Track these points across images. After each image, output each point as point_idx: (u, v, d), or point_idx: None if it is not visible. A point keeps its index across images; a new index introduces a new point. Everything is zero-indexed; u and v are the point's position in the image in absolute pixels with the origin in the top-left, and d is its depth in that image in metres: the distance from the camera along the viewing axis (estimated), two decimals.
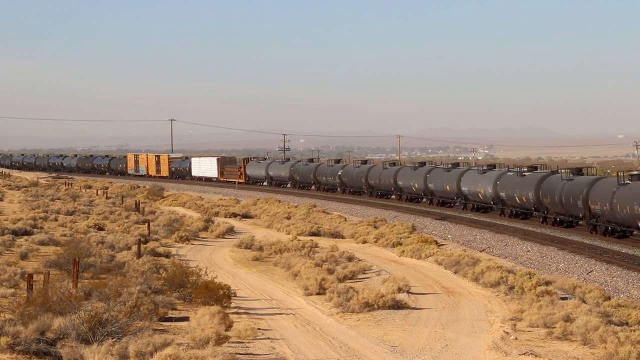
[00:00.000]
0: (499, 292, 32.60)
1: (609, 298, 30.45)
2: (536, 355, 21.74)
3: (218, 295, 28.15)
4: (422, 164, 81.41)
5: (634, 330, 23.81)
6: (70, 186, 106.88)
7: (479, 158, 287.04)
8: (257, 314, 27.99)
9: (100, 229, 53.61)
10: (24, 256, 36.96)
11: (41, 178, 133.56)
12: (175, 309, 27.39)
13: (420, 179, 75.88)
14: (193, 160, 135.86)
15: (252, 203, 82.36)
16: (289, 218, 66.61)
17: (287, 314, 28.33)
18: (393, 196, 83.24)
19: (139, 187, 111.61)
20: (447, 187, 71.03)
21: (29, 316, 20.73)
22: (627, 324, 26.27)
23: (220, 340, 21.78)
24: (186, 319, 25.50)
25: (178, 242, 50.83)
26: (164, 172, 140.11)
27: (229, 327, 23.94)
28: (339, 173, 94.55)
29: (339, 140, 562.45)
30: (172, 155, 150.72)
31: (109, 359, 18.73)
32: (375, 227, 57.95)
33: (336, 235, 57.16)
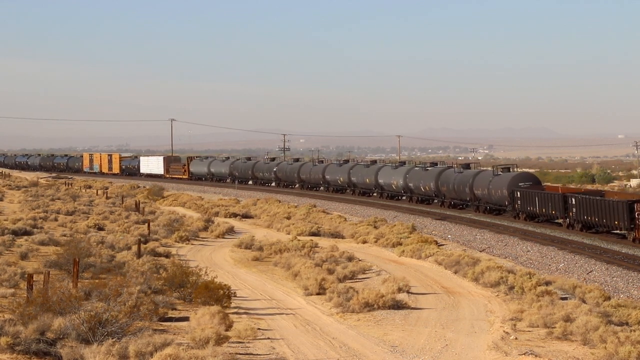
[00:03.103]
0: (499, 292, 32.61)
1: (609, 298, 30.47)
2: (536, 355, 21.74)
3: (218, 295, 28.15)
4: (346, 161, 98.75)
5: (634, 330, 23.82)
6: (70, 186, 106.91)
7: (479, 158, 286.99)
8: (257, 314, 27.98)
9: (100, 229, 53.60)
10: (24, 256, 36.96)
11: (41, 178, 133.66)
12: (175, 309, 27.39)
13: (345, 173, 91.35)
14: (142, 159, 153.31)
15: (252, 203, 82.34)
16: (289, 218, 66.61)
17: (287, 314, 28.33)
18: (322, 188, 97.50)
19: (139, 187, 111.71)
20: (367, 180, 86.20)
21: (29, 316, 20.72)
22: (627, 324, 26.29)
23: (220, 340, 21.78)
24: (186, 319, 25.49)
25: (178, 242, 50.82)
26: (115, 169, 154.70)
27: (229, 327, 23.94)
28: (274, 169, 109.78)
29: (339, 140, 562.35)
30: (123, 155, 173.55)
31: (109, 359, 18.72)
32: (375, 227, 57.96)
33: (336, 235, 57.16)
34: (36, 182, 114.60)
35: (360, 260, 42.13)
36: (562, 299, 30.51)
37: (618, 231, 48.12)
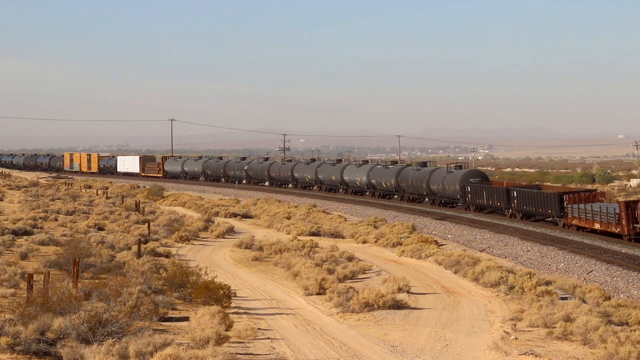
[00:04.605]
0: (499, 292, 32.59)
1: (609, 298, 30.46)
2: (536, 355, 21.72)
3: (218, 295, 28.14)
4: (313, 160, 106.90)
5: (634, 330, 23.79)
6: (70, 186, 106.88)
7: (479, 158, 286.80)
8: (257, 314, 27.97)
9: (100, 229, 53.56)
10: (24, 256, 36.92)
11: (41, 178, 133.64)
12: (175, 309, 27.37)
13: (312, 171, 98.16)
14: (119, 158, 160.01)
15: (252, 203, 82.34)
16: (289, 218, 66.59)
17: (287, 314, 28.32)
18: (290, 185, 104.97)
19: (139, 187, 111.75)
20: (333, 177, 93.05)
21: (29, 316, 20.70)
22: (627, 323, 26.27)
23: (221, 340, 21.77)
24: (186, 319, 25.49)
25: (178, 242, 50.81)
26: (94, 168, 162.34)
27: (229, 327, 23.93)
28: (245, 168, 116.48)
29: (339, 140, 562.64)
30: (102, 154, 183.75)
31: (109, 359, 18.71)
32: (375, 227, 57.95)
33: (336, 235, 57.13)
34: (36, 182, 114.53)
35: (360, 260, 42.12)
36: (562, 298, 30.50)
37: (551, 219, 55.69)
